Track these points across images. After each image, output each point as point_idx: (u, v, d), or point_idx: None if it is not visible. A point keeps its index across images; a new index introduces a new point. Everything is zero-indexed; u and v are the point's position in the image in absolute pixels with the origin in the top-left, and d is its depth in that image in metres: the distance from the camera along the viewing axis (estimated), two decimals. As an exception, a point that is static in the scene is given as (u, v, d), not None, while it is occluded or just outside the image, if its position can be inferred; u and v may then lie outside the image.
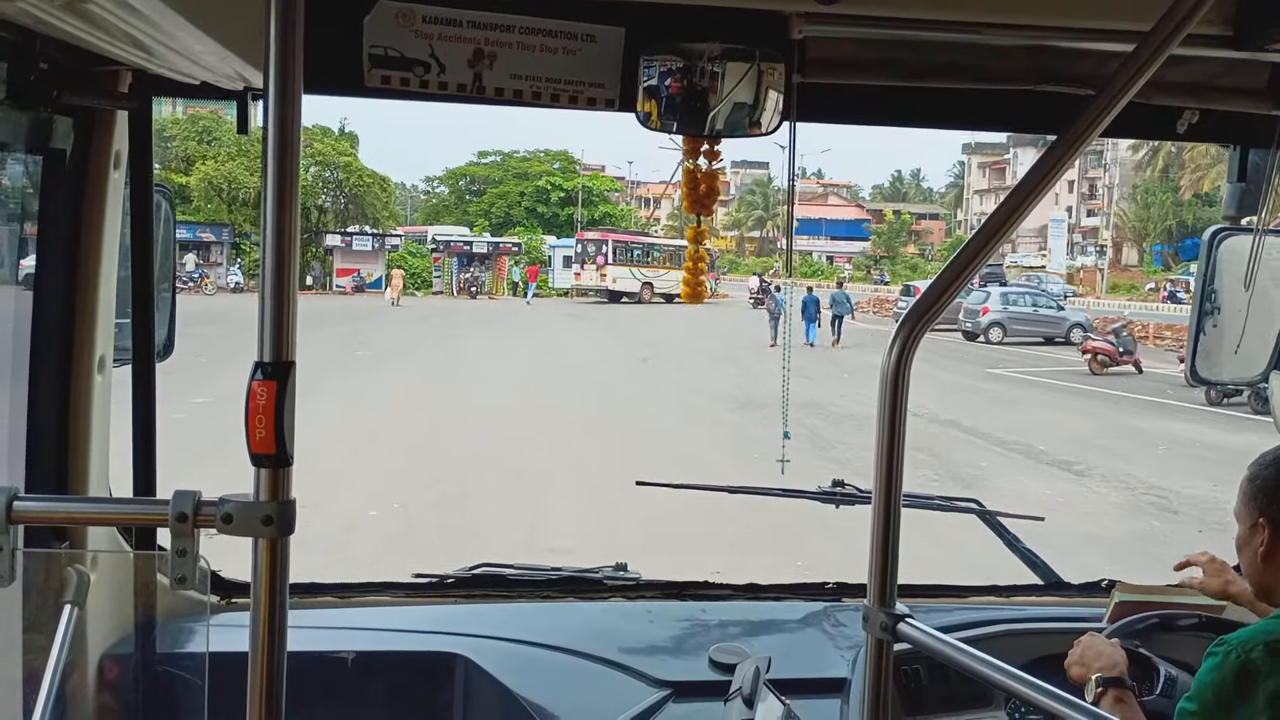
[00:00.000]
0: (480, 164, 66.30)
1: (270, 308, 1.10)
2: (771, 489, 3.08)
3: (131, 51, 1.73)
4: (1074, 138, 1.34)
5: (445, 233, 51.96)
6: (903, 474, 1.36)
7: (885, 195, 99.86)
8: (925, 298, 1.38)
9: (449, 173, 68.14)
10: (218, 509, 1.15)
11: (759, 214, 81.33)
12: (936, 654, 1.38)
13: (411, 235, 52.76)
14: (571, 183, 62.80)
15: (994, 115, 2.21)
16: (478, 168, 66.12)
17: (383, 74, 1.91)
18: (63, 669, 1.64)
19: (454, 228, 56.06)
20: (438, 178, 69.88)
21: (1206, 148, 41.81)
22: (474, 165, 66.68)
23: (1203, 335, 2.40)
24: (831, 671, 2.34)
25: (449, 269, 47.78)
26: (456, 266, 47.64)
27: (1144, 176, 62.24)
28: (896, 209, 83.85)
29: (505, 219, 61.51)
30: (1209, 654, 1.75)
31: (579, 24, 1.93)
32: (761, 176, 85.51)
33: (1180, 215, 60.62)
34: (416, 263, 47.99)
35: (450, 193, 67.77)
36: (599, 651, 2.36)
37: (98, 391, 2.10)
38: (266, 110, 1.10)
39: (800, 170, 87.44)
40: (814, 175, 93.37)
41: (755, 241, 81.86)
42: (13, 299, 2.10)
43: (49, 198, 2.00)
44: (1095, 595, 2.73)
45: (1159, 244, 63.06)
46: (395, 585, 2.68)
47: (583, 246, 45.03)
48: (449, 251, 48.03)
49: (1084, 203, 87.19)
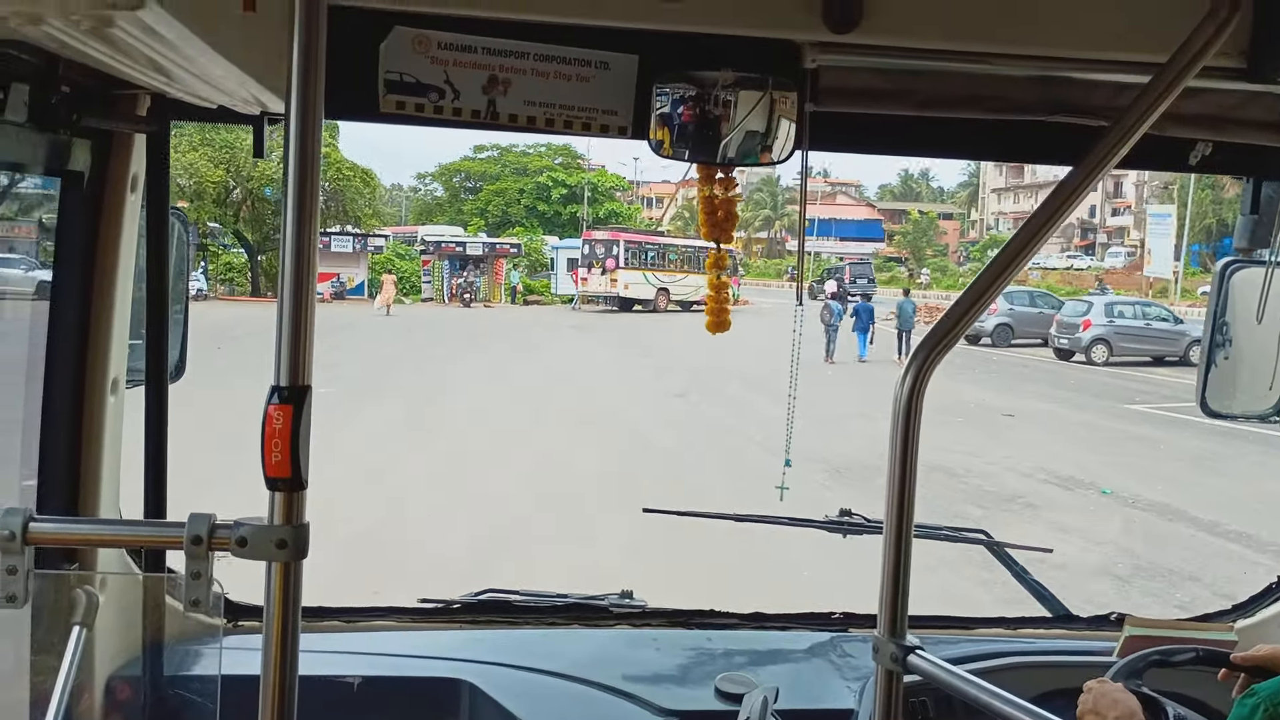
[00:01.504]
0: (476, 159, 63.60)
1: (287, 331, 1.12)
2: (779, 517, 3.05)
3: (152, 76, 1.76)
4: (1089, 169, 1.40)
5: (436, 233, 48.89)
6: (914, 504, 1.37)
7: (896, 194, 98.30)
8: (940, 327, 1.42)
9: (442, 169, 65.60)
10: (232, 532, 1.17)
11: (766, 213, 79.46)
12: (947, 687, 1.40)
13: (400, 236, 50.20)
14: (575, 179, 59.73)
15: (1007, 146, 2.20)
16: (473, 163, 63.48)
17: (398, 99, 1.93)
18: (71, 690, 1.66)
19: (446, 228, 53.27)
20: (430, 174, 64.84)
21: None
22: (469, 161, 64.03)
23: (1214, 368, 2.41)
24: (838, 703, 2.34)
25: (440, 273, 43.88)
26: (448, 270, 43.86)
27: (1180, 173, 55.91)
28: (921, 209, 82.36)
29: (503, 218, 58.81)
30: (1238, 703, 1.72)
31: (593, 51, 1.95)
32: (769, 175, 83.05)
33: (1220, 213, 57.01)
34: (405, 266, 44.49)
35: (445, 191, 65.52)
36: (605, 679, 2.37)
37: (110, 413, 2.12)
38: (287, 135, 1.13)
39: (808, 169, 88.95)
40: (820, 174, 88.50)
41: (763, 242, 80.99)
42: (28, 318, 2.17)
43: (66, 219, 2.04)
44: (1104, 629, 2.75)
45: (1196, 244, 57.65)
46: (401, 610, 2.69)
47: (590, 248, 40.15)
48: (440, 253, 44.23)
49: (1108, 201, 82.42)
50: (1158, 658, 2.17)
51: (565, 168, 60.53)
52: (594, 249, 41.22)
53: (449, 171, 64.64)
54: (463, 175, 63.94)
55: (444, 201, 64.79)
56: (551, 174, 59.34)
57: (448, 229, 51.91)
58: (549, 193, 58.83)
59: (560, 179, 59.02)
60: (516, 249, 46.36)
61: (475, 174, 62.80)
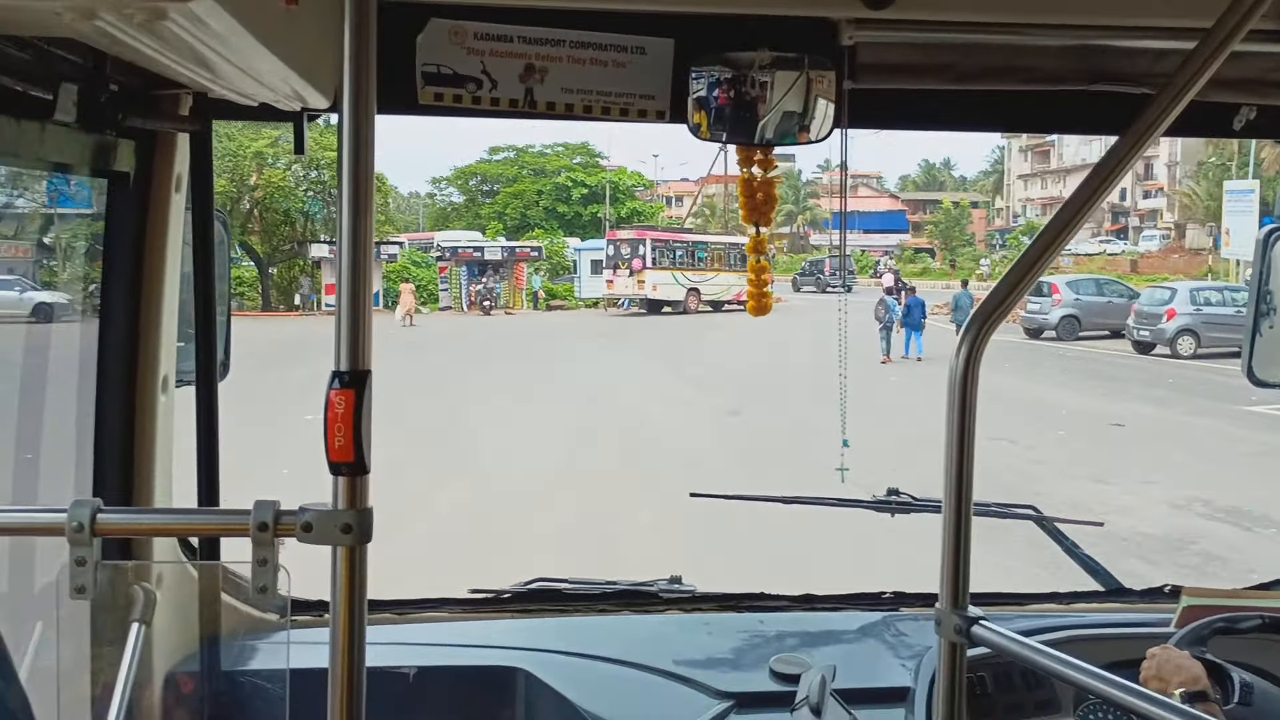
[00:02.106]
0: (492, 161, 62.18)
1: (346, 318, 1.14)
2: (828, 499, 3.09)
3: (196, 72, 1.76)
4: (1136, 137, 1.37)
5: (452, 238, 47.09)
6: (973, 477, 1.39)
7: (919, 185, 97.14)
8: (992, 298, 1.42)
9: (457, 172, 64.30)
10: (297, 518, 1.18)
11: (788, 208, 77.87)
12: (1014, 656, 1.39)
13: (416, 243, 49.25)
14: (595, 178, 58.08)
15: (1047, 116, 2.19)
16: (489, 165, 62.10)
17: (436, 91, 1.95)
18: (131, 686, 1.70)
19: (463, 233, 52.32)
20: (445, 179, 62.83)
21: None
22: (485, 163, 62.60)
23: (1259, 336, 2.40)
24: (893, 681, 2.33)
25: (457, 280, 42.07)
26: (466, 277, 42.13)
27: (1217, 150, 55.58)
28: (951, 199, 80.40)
29: (522, 221, 57.37)
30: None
31: (628, 36, 1.97)
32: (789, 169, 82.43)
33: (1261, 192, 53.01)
34: (421, 273, 43.01)
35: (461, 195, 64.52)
36: (658, 663, 2.38)
37: (162, 411, 2.16)
38: (341, 128, 1.15)
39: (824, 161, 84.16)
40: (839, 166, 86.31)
41: (785, 237, 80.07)
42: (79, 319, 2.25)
43: (113, 220, 2.08)
44: (1158, 601, 2.75)
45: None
46: (453, 601, 2.72)
47: (615, 248, 37.92)
48: (457, 259, 42.47)
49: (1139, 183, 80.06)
50: (1223, 624, 2.16)
51: (584, 167, 59.33)
52: (619, 250, 39.34)
53: (465, 175, 63.45)
54: (479, 178, 62.72)
55: (460, 206, 63.68)
56: (570, 174, 57.99)
57: (464, 234, 50.58)
58: (569, 193, 57.40)
59: (580, 179, 57.58)
60: (537, 252, 44.70)
61: (492, 176, 61.50)
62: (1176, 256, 55.70)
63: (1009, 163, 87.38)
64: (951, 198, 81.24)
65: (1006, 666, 2.30)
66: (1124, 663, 1.99)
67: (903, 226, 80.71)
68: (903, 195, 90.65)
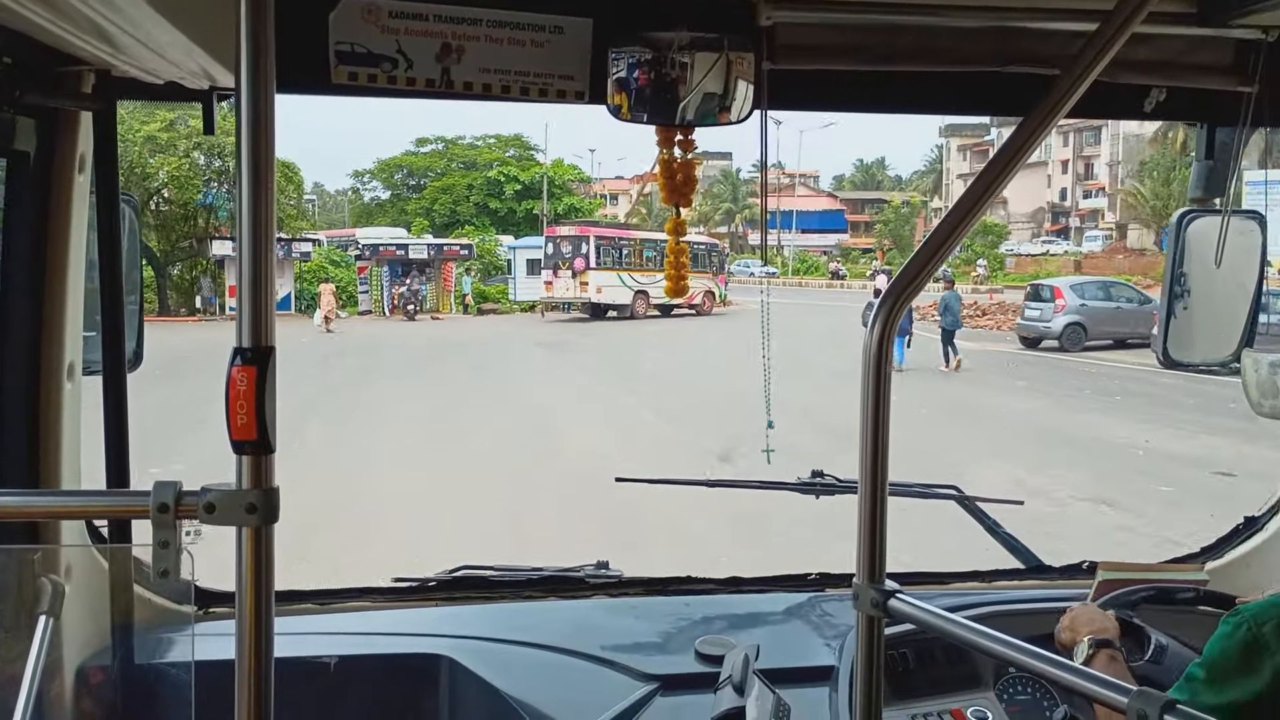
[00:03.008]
0: (419, 154, 59.12)
1: (248, 294, 1.13)
2: (751, 481, 3.14)
3: (96, 45, 1.75)
4: (1040, 118, 1.42)
5: (374, 235, 41.99)
6: (889, 455, 1.43)
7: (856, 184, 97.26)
8: (902, 278, 1.47)
9: (381, 164, 60.09)
10: (199, 499, 1.15)
11: (727, 206, 77.15)
12: (929, 627, 1.44)
13: (335, 240, 46.13)
14: (529, 172, 54.62)
15: (964, 98, 2.23)
16: (415, 158, 59.18)
17: (350, 70, 1.90)
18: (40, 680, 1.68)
19: (383, 229, 47.50)
20: (368, 171, 57.91)
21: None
22: (411, 155, 59.50)
23: (1173, 319, 2.45)
24: (818, 660, 2.37)
25: (378, 281, 38.68)
26: (389, 278, 38.63)
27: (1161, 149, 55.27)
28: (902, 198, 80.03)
29: (451, 217, 54.11)
30: (1223, 622, 1.76)
31: (546, 16, 1.96)
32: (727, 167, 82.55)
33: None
34: (339, 274, 39.59)
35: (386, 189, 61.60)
36: (584, 648, 2.39)
37: (68, 399, 2.11)
38: (239, 106, 1.13)
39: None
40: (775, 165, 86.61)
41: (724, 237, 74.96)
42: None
43: (13, 201, 2.04)
44: (1077, 577, 2.81)
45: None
46: (376, 590, 2.70)
47: (555, 246, 34.57)
48: (378, 259, 38.94)
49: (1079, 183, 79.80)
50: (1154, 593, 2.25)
51: (518, 161, 56.44)
52: (559, 248, 36.12)
53: (389, 168, 60.68)
54: (404, 171, 59.80)
55: (385, 203, 60.60)
56: (504, 168, 54.91)
57: (386, 230, 47.50)
58: (501, 188, 54.21)
59: (513, 173, 54.51)
60: (467, 251, 41.74)
61: (418, 169, 58.68)
62: (1121, 257, 54.58)
63: (948, 162, 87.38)
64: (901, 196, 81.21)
65: (928, 643, 2.34)
66: (1042, 636, 2.05)
67: (841, 226, 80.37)
68: (840, 194, 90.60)
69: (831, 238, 76.37)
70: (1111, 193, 70.51)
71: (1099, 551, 1.19)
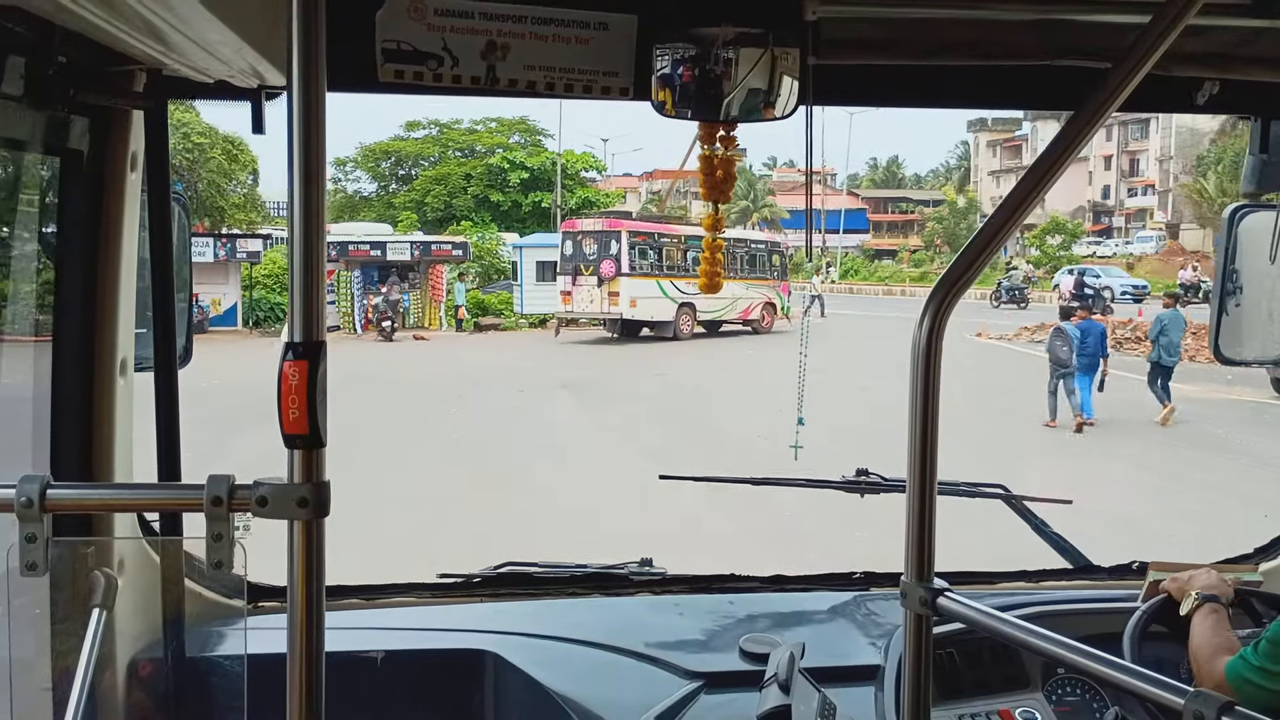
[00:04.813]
0: (409, 139, 52.08)
1: (299, 290, 1.15)
2: (795, 479, 3.11)
3: (148, 44, 1.82)
4: (1091, 113, 1.42)
5: (344, 232, 35.65)
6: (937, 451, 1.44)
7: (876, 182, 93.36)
8: (952, 272, 1.50)
9: (364, 150, 53.57)
10: (252, 492, 1.18)
11: (744, 204, 71.92)
12: (979, 625, 1.46)
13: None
14: (537, 159, 47.79)
15: (1011, 92, 2.26)
16: (405, 144, 52.05)
17: (396, 68, 1.94)
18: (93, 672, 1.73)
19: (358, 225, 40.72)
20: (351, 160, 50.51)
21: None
22: (400, 141, 52.34)
23: (1225, 315, 2.43)
24: (864, 659, 2.41)
25: (348, 289, 31.01)
26: (360, 285, 30.97)
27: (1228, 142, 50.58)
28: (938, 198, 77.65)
29: (446, 211, 47.72)
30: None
31: (591, 12, 1.99)
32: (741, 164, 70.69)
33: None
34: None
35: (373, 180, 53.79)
36: (628, 645, 2.44)
37: (121, 394, 2.19)
38: (290, 104, 1.15)
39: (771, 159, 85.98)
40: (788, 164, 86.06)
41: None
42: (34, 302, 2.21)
43: (67, 199, 2.11)
44: (1126, 578, 2.83)
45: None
46: (421, 586, 2.74)
47: (574, 245, 27.24)
48: (347, 260, 31.08)
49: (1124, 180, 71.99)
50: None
51: (524, 147, 49.96)
52: (580, 247, 28.83)
53: (374, 155, 53.46)
54: (393, 159, 53.08)
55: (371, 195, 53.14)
56: (507, 154, 48.55)
57: (360, 226, 39.87)
58: (505, 177, 47.54)
59: (519, 160, 48.00)
60: (462, 251, 34.71)
61: (408, 157, 52.06)
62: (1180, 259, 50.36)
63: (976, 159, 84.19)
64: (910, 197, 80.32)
65: (975, 643, 2.37)
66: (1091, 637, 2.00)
67: (863, 225, 78.53)
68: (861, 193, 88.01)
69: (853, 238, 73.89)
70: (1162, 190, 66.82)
71: None
